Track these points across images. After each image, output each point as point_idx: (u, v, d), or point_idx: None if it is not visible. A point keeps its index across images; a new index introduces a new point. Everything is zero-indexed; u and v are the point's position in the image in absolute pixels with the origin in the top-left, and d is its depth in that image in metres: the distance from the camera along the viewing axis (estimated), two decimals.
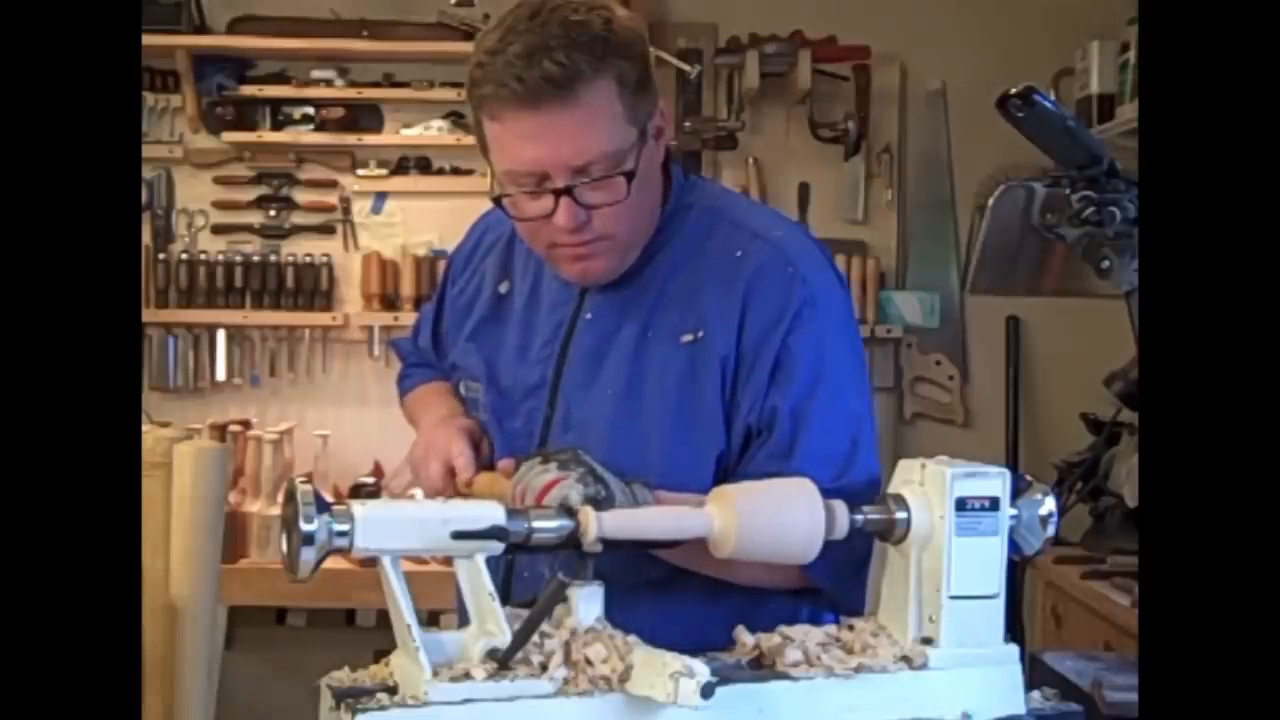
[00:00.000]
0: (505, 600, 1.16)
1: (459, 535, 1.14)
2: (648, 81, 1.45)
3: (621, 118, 1.41)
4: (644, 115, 1.44)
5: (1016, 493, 1.29)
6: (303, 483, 1.11)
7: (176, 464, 1.18)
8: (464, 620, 1.19)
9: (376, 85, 3.76)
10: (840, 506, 1.26)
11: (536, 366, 1.57)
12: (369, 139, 3.76)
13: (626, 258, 1.51)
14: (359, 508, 1.12)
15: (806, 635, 1.26)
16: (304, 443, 3.50)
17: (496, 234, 1.68)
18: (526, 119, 1.38)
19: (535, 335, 1.59)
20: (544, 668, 1.14)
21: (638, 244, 1.51)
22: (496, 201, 1.47)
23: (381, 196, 3.81)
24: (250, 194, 3.80)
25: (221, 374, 3.75)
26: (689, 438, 1.47)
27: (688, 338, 1.48)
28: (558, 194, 1.40)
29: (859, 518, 1.27)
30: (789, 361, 1.45)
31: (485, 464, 1.55)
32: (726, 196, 1.67)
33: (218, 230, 3.79)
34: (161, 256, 3.73)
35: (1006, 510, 1.28)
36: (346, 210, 3.80)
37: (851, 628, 1.31)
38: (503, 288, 1.64)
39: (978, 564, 1.26)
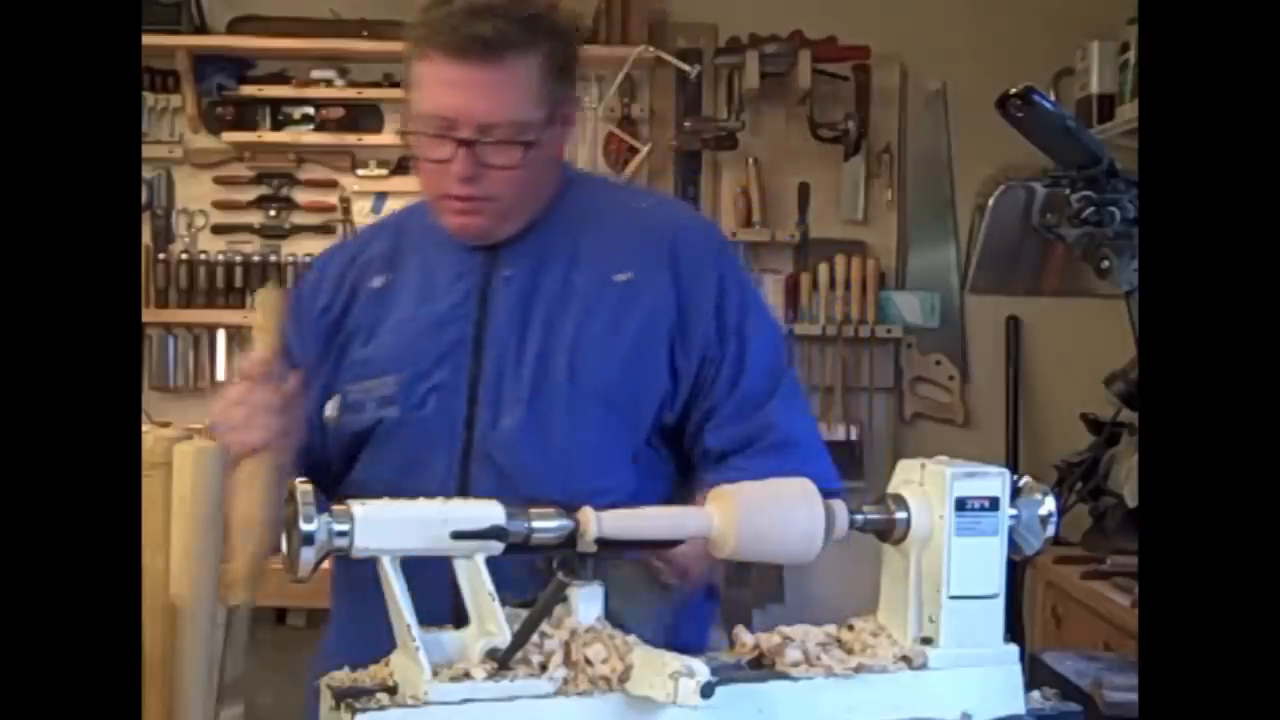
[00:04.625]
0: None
1: (459, 535, 1.14)
2: (571, 70, 1.59)
3: (536, 94, 1.53)
4: (559, 99, 1.57)
5: (1016, 493, 1.29)
6: (303, 483, 1.11)
7: (176, 464, 1.18)
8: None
9: (376, 85, 3.76)
10: (840, 506, 1.26)
11: (450, 328, 1.59)
12: (369, 139, 3.76)
13: (506, 224, 1.60)
14: (359, 508, 1.12)
15: (806, 635, 1.26)
16: None
17: (351, 254, 1.70)
18: (451, 68, 1.49)
19: (435, 304, 1.61)
20: (544, 668, 1.14)
21: (519, 215, 1.60)
22: (414, 134, 1.54)
23: (381, 196, 3.81)
24: (250, 194, 3.80)
25: (221, 374, 3.75)
26: (635, 366, 1.58)
27: (620, 277, 1.60)
28: (460, 144, 1.51)
29: (859, 517, 1.27)
30: (726, 293, 1.62)
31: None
32: (599, 177, 1.82)
33: (218, 230, 3.80)
34: (161, 256, 3.73)
35: (1006, 510, 1.28)
36: (346, 210, 3.81)
37: (851, 628, 1.31)
38: (377, 282, 1.65)
39: (977, 564, 1.26)
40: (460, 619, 1.17)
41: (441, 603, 1.20)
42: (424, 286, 1.63)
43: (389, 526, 1.13)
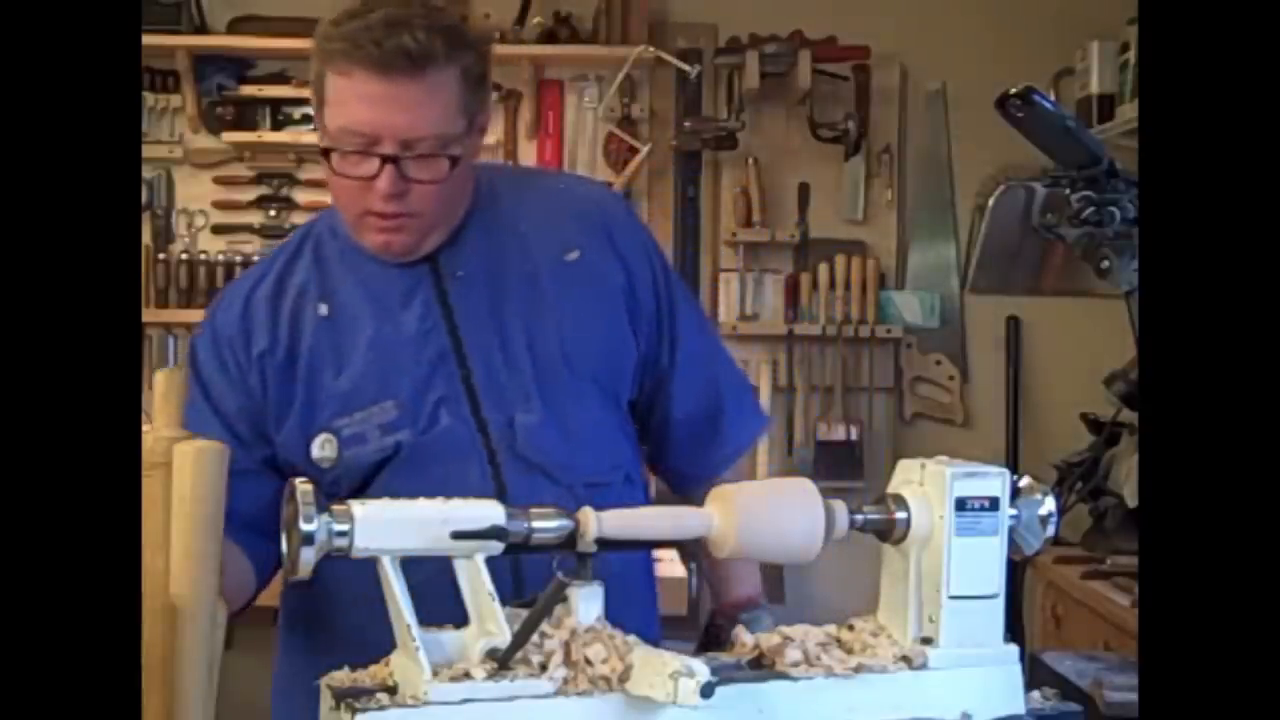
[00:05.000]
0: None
1: (459, 535, 1.14)
2: (486, 79, 1.55)
3: (457, 105, 1.49)
4: (477, 108, 1.53)
5: (1016, 493, 1.29)
6: (303, 483, 1.12)
7: (176, 464, 1.18)
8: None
9: None
10: (840, 506, 1.26)
11: (427, 341, 1.56)
12: None
13: (429, 239, 1.56)
14: (359, 508, 1.12)
15: (806, 635, 1.26)
16: None
17: (269, 290, 1.61)
18: (374, 83, 1.44)
19: (398, 322, 1.57)
20: (544, 667, 1.14)
21: (443, 228, 1.57)
22: (325, 154, 1.50)
23: None
24: (250, 194, 3.80)
25: None
26: (611, 341, 1.62)
27: (571, 255, 1.61)
28: (385, 160, 1.46)
29: (858, 517, 1.27)
30: (654, 259, 1.68)
31: None
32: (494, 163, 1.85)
33: (218, 230, 3.79)
34: (161, 256, 3.73)
35: (1006, 510, 1.28)
36: None
37: (851, 628, 1.31)
38: (321, 310, 1.59)
39: (977, 564, 1.26)
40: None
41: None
42: (375, 306, 1.57)
43: (389, 526, 1.13)
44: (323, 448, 1.54)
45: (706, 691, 1.08)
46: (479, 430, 1.55)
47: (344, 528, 1.11)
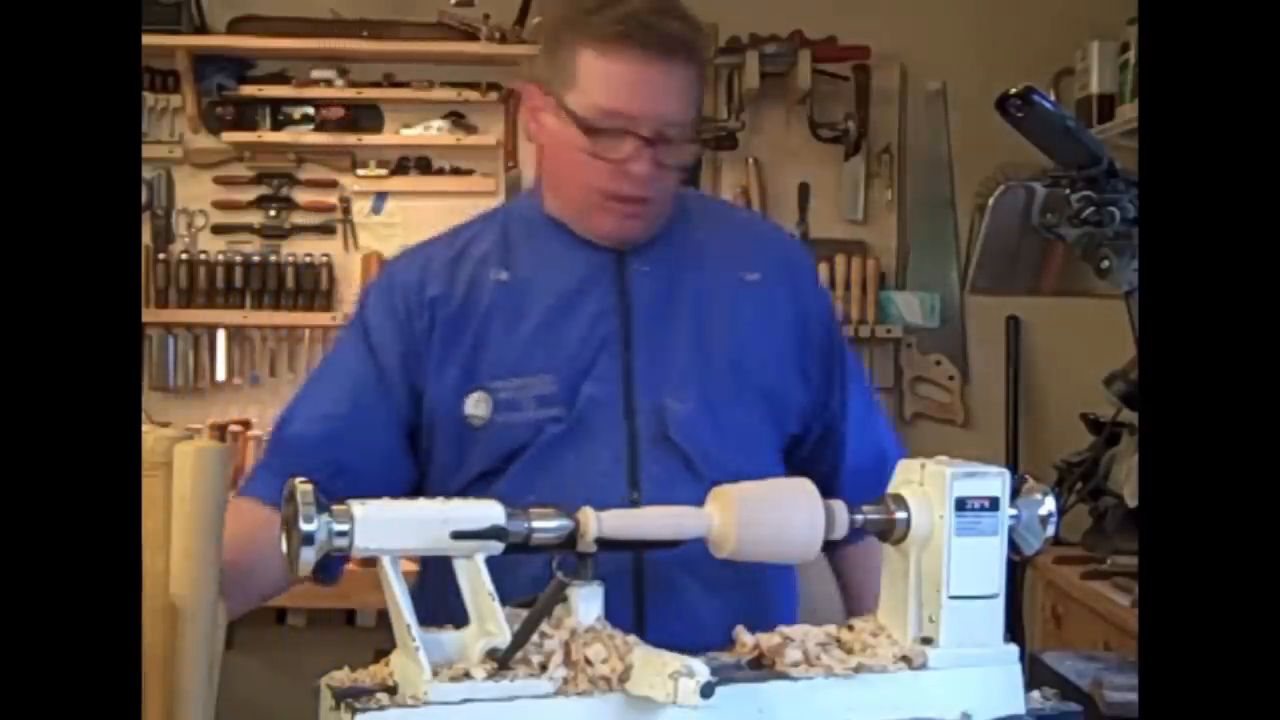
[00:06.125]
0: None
1: (459, 535, 1.14)
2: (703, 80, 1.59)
3: (699, 97, 1.55)
4: (702, 103, 1.58)
5: (1016, 492, 1.29)
6: (302, 483, 1.12)
7: (177, 464, 1.18)
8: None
9: (376, 85, 3.76)
10: (840, 506, 1.27)
11: (600, 323, 1.57)
12: (369, 139, 3.76)
13: (653, 226, 1.60)
14: (359, 508, 1.12)
15: (806, 635, 1.26)
16: None
17: (455, 249, 1.63)
18: (641, 65, 1.48)
19: (576, 301, 1.58)
20: (543, 668, 1.14)
21: (663, 217, 1.61)
22: (587, 131, 1.50)
23: (381, 196, 3.81)
24: (250, 194, 3.80)
25: (221, 374, 3.75)
26: (781, 363, 1.62)
27: (751, 277, 1.63)
28: (644, 142, 1.49)
29: (859, 517, 1.27)
30: (830, 314, 1.73)
31: None
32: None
33: (218, 230, 3.79)
34: (161, 256, 3.73)
35: (1006, 510, 1.28)
36: (346, 210, 3.81)
37: (851, 628, 1.31)
38: (501, 275, 1.60)
39: (977, 564, 1.27)
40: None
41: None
42: (555, 283, 1.59)
43: (389, 526, 1.13)
44: (476, 405, 1.54)
45: (706, 691, 1.09)
46: (626, 414, 1.55)
47: (344, 528, 1.11)
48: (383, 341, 1.58)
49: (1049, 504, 1.31)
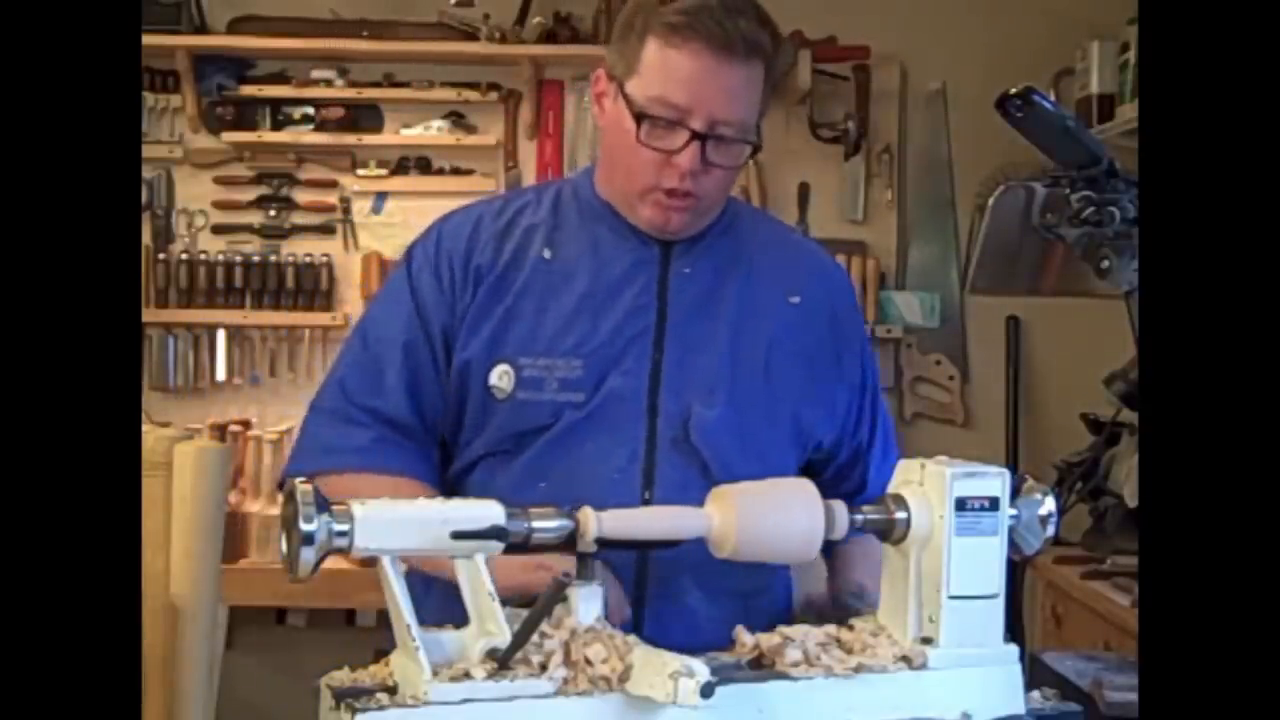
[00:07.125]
0: None
1: (459, 535, 1.14)
2: (776, 86, 1.60)
3: (758, 100, 1.55)
4: (765, 108, 1.58)
5: (1016, 492, 1.29)
6: (302, 483, 1.12)
7: (177, 464, 1.18)
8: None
9: (376, 85, 3.76)
10: (840, 506, 1.27)
11: (635, 315, 1.58)
12: (369, 139, 3.76)
13: (699, 222, 1.61)
14: (359, 508, 1.12)
15: (806, 635, 1.26)
16: None
17: (504, 219, 1.64)
18: (705, 60, 1.48)
19: (616, 289, 1.59)
20: (543, 668, 1.14)
21: (710, 215, 1.62)
22: (639, 118, 1.51)
23: (381, 196, 3.81)
24: (250, 194, 3.80)
25: (221, 374, 3.75)
26: (813, 384, 1.63)
27: (794, 299, 1.65)
28: (695, 136, 1.50)
29: (858, 517, 1.27)
30: (865, 346, 1.74)
31: None
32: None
33: (218, 230, 3.79)
34: (161, 256, 3.73)
35: (1006, 510, 1.28)
36: (346, 210, 3.80)
37: (851, 628, 1.31)
38: (545, 252, 1.61)
39: (977, 564, 1.27)
40: None
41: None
42: (598, 269, 1.60)
43: (389, 526, 1.13)
44: (501, 378, 1.55)
45: (706, 691, 1.09)
46: (647, 413, 1.55)
47: (344, 527, 1.11)
48: (426, 304, 1.60)
49: (1049, 504, 1.31)
